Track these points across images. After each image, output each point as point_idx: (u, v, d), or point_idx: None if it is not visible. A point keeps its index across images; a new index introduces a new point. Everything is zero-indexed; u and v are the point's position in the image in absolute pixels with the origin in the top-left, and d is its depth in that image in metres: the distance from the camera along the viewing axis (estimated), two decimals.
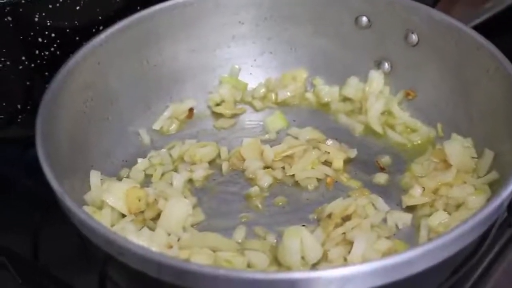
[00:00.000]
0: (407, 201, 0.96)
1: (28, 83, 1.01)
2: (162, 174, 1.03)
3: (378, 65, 1.12)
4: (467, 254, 0.85)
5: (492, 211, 0.80)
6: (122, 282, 0.86)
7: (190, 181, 1.02)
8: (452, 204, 0.94)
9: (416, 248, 0.75)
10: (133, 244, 0.77)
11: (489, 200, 0.88)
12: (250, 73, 1.17)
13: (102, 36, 1.02)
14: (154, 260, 0.75)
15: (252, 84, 1.16)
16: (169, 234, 0.91)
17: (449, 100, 1.05)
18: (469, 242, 0.80)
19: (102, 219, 0.91)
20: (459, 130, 1.02)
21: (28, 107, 1.02)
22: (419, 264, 0.76)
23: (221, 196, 1.01)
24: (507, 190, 0.81)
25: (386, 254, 0.87)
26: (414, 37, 1.07)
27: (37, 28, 0.96)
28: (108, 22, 1.03)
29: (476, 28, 1.04)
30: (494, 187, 0.93)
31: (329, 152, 1.03)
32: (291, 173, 1.01)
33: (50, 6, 0.94)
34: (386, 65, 1.12)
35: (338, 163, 1.02)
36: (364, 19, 1.11)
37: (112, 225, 0.92)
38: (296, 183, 1.01)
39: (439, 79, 1.06)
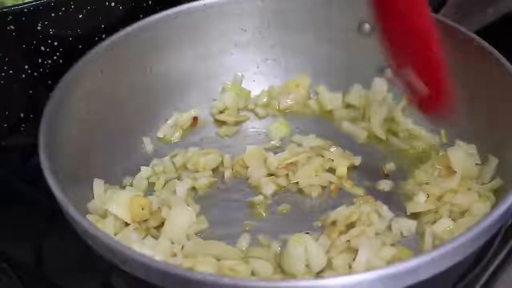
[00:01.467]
0: (411, 208, 0.95)
1: (31, 91, 1.01)
2: (165, 182, 1.03)
3: (381, 71, 1.12)
4: (472, 262, 0.85)
5: (497, 218, 0.79)
6: None
7: (194, 189, 1.02)
8: (456, 211, 0.93)
9: (421, 255, 0.75)
10: (137, 253, 0.77)
11: (493, 207, 0.88)
12: (253, 80, 1.16)
13: (105, 44, 1.02)
14: (158, 269, 0.75)
15: (255, 92, 1.16)
16: (172, 243, 0.91)
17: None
18: (474, 250, 0.79)
19: (106, 228, 0.90)
20: (462, 136, 1.02)
21: (31, 116, 1.02)
22: (424, 271, 0.75)
23: (225, 204, 1.00)
24: None
25: (391, 261, 0.87)
26: None
27: (40, 36, 0.96)
28: (111, 30, 1.03)
29: (480, 33, 1.03)
30: (498, 193, 0.92)
31: (332, 159, 1.02)
32: (295, 181, 1.01)
33: (53, 15, 0.94)
34: (389, 72, 1.11)
35: (342, 170, 1.02)
36: (367, 26, 1.10)
37: (116, 234, 0.92)
38: (300, 191, 1.01)
39: None
